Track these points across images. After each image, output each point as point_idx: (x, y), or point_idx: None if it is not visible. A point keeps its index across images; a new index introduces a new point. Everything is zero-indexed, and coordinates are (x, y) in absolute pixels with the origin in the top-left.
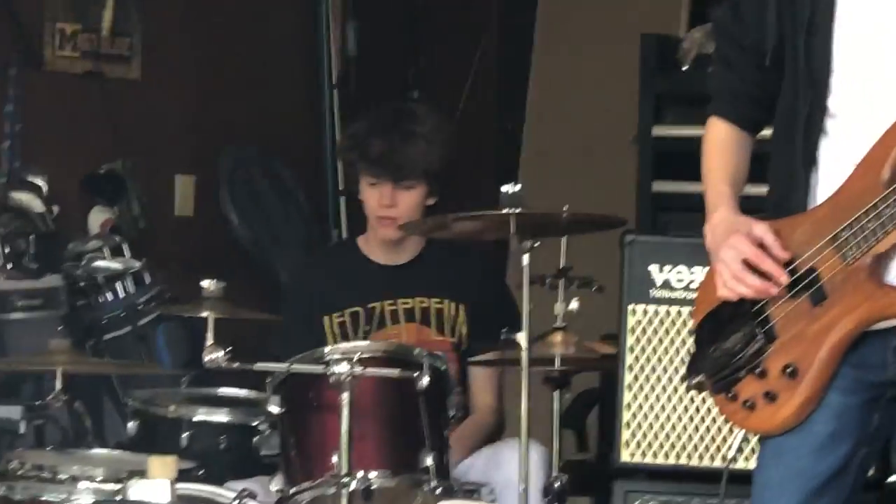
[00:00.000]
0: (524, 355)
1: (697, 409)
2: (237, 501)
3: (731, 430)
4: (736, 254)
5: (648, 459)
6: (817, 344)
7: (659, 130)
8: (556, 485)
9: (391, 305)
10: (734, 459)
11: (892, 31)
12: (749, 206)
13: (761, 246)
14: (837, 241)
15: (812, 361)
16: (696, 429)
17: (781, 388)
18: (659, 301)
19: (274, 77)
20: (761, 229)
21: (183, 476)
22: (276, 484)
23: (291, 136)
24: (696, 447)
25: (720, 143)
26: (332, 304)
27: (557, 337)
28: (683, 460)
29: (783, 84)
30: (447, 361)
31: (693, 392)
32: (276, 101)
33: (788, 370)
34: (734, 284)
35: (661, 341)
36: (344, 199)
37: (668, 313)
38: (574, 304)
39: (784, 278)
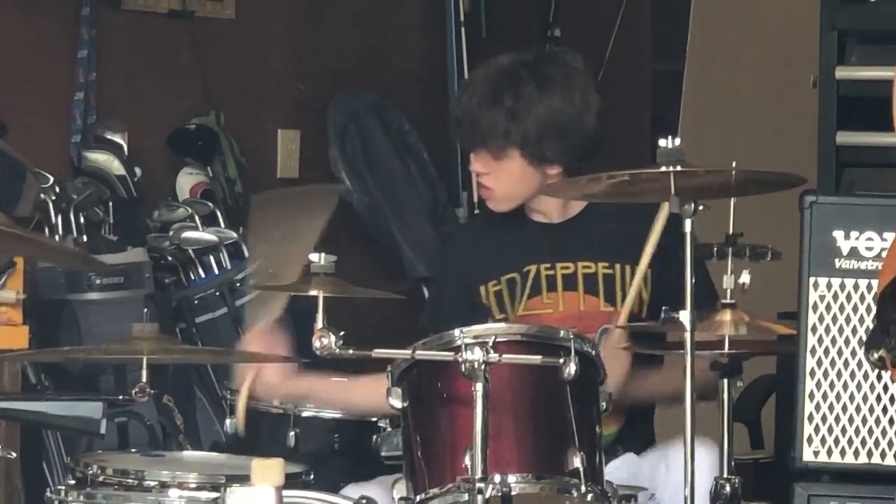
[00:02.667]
0: (688, 337)
1: (893, 399)
2: None
3: None
4: None
5: (835, 458)
6: None
7: (843, 72)
8: (727, 489)
9: (549, 270)
10: None
11: None
12: None
13: None
14: None
15: None
16: (892, 422)
17: None
18: (846, 273)
19: (391, 13)
20: None
21: (291, 481)
22: (399, 490)
23: (412, 82)
24: (891, 444)
25: None
26: (488, 270)
27: (726, 315)
28: (876, 459)
29: None
30: (598, 348)
31: (887, 378)
32: (393, 42)
33: None
34: None
35: (848, 320)
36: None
37: (856, 287)
38: (745, 277)
39: None
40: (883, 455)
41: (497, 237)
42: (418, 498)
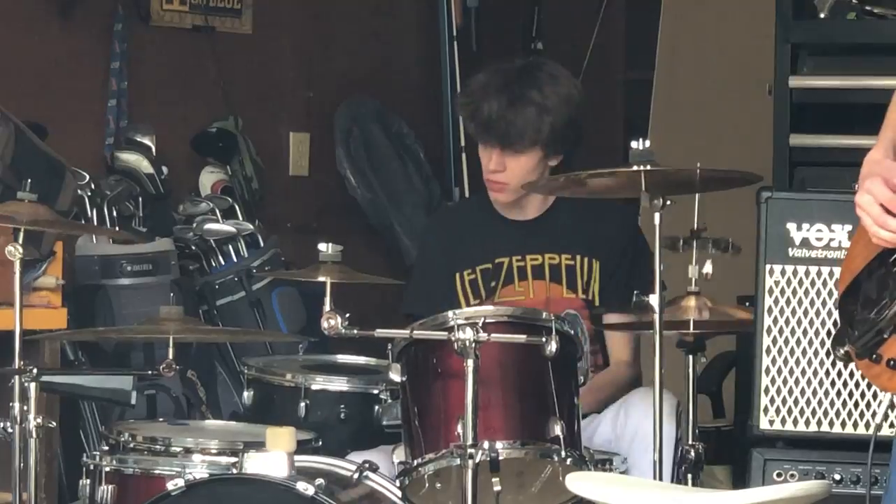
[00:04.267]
0: (657, 319)
1: (840, 374)
2: (358, 474)
3: (875, 395)
4: (871, 198)
5: (788, 427)
6: None
7: (796, 81)
8: (692, 454)
9: (519, 262)
10: (879, 427)
11: None
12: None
13: None
14: None
15: None
16: (839, 394)
17: None
18: (797, 261)
19: (391, 29)
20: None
21: (301, 447)
22: (398, 455)
23: (410, 90)
24: (838, 413)
25: None
26: (464, 260)
27: (691, 301)
28: (825, 427)
29: None
30: (578, 324)
31: (835, 356)
32: (394, 54)
33: None
34: (876, 230)
35: (800, 303)
36: (465, 156)
37: (807, 273)
38: (708, 268)
39: None
40: (831, 424)
41: (472, 231)
42: (415, 462)
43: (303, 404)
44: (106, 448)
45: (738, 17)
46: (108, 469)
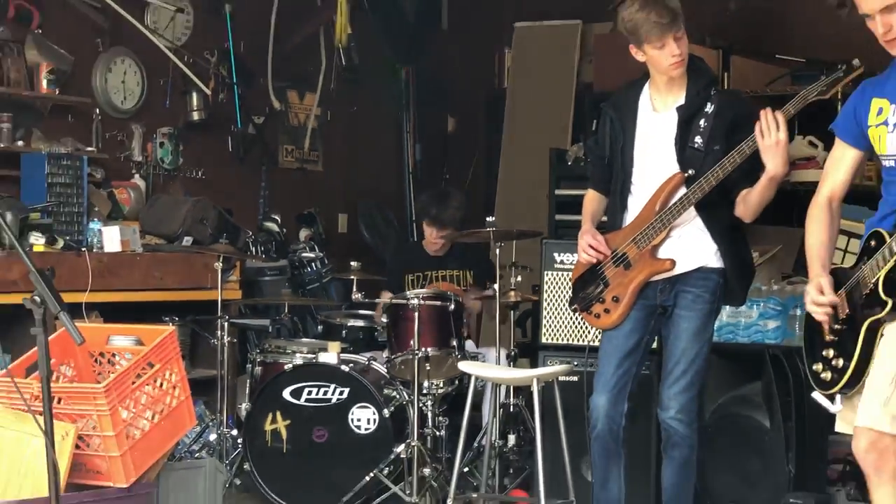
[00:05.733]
0: (497, 296)
1: (577, 320)
2: (367, 361)
3: (588, 327)
4: (584, 243)
5: (556, 341)
6: (627, 286)
7: (559, 192)
8: (511, 354)
9: (436, 273)
10: (594, 341)
11: (653, 151)
12: (601, 225)
13: (595, 239)
14: (635, 239)
15: (625, 295)
16: (578, 326)
17: (612, 307)
18: (560, 270)
19: (385, 170)
20: (590, 231)
21: (343, 350)
22: (385, 354)
23: (391, 195)
24: (576, 337)
25: (592, 198)
26: (411, 269)
27: (512, 292)
28: (572, 342)
29: (613, 171)
30: (460, 298)
31: (571, 309)
32: (383, 180)
33: (614, 299)
34: (585, 257)
35: (563, 290)
36: (415, 226)
37: (561, 274)
38: (520, 278)
39: (606, 251)
40: (573, 340)
41: (414, 257)
42: (393, 356)
43: (344, 332)
44: (258, 350)
45: (533, 164)
46: (258, 359)
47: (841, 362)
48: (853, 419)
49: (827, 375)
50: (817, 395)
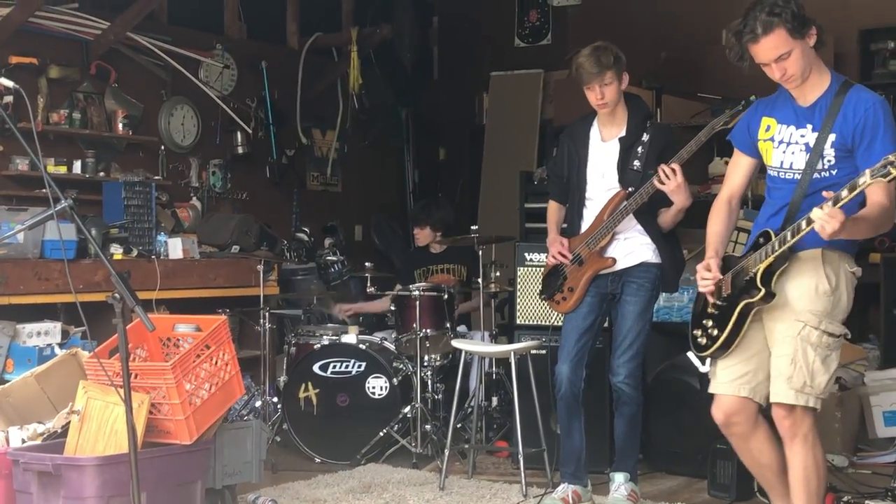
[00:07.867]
0: (481, 287)
1: (545, 305)
2: (380, 340)
3: (552, 311)
4: (553, 249)
5: (528, 322)
6: (580, 279)
7: (528, 205)
8: (493, 333)
9: (437, 267)
10: (557, 322)
11: (601, 172)
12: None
13: (561, 245)
14: (587, 242)
15: (578, 286)
16: (545, 311)
17: (568, 295)
18: (530, 266)
19: (391, 190)
20: (559, 240)
21: (361, 332)
22: (394, 334)
23: (396, 210)
24: (545, 318)
25: (554, 208)
26: (418, 265)
27: (493, 284)
28: (541, 322)
29: (570, 188)
30: (453, 289)
31: (540, 298)
32: (389, 198)
33: (570, 289)
34: (553, 260)
35: (533, 282)
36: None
37: (536, 272)
38: (498, 273)
39: (569, 256)
40: (542, 320)
41: (419, 257)
42: (400, 336)
43: (361, 318)
44: (293, 334)
45: (511, 181)
46: (293, 341)
47: (716, 332)
48: (716, 386)
49: (703, 341)
50: (691, 355)
